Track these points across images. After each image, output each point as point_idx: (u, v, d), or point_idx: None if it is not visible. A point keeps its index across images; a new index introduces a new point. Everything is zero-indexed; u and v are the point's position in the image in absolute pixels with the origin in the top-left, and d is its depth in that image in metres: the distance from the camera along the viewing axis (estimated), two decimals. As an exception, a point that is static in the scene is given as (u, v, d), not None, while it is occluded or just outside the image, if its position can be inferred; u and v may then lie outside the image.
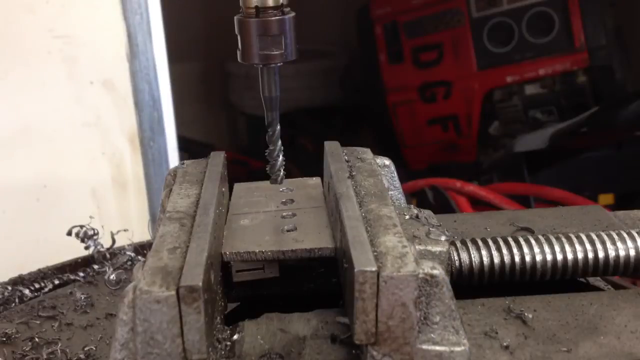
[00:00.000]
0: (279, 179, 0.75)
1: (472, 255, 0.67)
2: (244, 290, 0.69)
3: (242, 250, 0.65)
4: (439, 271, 0.53)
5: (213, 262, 0.58)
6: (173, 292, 0.51)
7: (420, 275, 0.53)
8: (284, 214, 0.73)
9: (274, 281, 0.68)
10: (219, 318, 0.60)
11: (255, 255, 0.65)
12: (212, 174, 0.72)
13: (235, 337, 0.60)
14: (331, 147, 0.78)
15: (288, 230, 0.68)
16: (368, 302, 0.52)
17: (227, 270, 0.67)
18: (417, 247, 0.62)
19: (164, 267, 0.53)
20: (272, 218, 0.72)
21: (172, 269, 0.53)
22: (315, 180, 0.82)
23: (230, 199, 0.77)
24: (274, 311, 0.63)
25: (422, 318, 0.54)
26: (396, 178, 0.78)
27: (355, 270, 0.52)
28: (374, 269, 0.52)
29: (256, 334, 0.60)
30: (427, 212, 0.71)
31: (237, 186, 0.81)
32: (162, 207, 0.70)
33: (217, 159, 0.76)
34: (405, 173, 3.00)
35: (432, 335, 0.54)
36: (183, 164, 0.76)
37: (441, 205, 2.31)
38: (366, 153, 0.78)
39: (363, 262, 0.52)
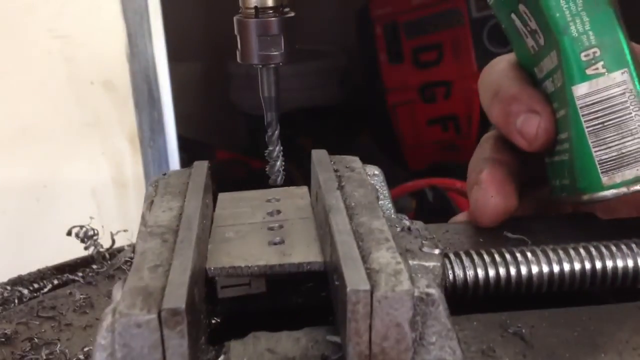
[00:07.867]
0: (279, 179, 0.75)
1: (466, 269, 0.66)
2: (230, 306, 0.67)
3: (228, 265, 0.62)
4: (435, 289, 0.52)
5: (197, 279, 0.55)
6: (154, 315, 0.47)
7: (416, 294, 0.50)
8: (271, 225, 0.70)
9: (261, 296, 0.66)
10: (203, 338, 0.58)
11: (241, 270, 0.62)
12: (195, 185, 0.69)
13: (220, 358, 0.57)
14: (318, 155, 0.74)
15: (275, 243, 0.66)
16: (361, 323, 0.49)
17: (212, 285, 0.64)
18: (410, 262, 0.61)
19: (144, 287, 0.50)
20: (259, 230, 0.69)
21: (154, 289, 0.50)
22: (302, 189, 0.79)
23: (214, 210, 0.75)
24: (260, 327, 0.60)
25: (417, 338, 0.52)
26: (386, 187, 0.76)
27: (348, 289, 0.49)
28: (367, 288, 0.49)
29: (243, 354, 0.57)
30: (418, 224, 0.69)
31: (222, 196, 0.78)
32: (143, 219, 0.67)
33: (201, 169, 0.73)
34: (405, 173, 3.00)
35: (428, 356, 0.52)
36: (165, 174, 0.74)
37: (441, 205, 2.31)
38: (355, 162, 0.75)
39: (356, 280, 0.50)
